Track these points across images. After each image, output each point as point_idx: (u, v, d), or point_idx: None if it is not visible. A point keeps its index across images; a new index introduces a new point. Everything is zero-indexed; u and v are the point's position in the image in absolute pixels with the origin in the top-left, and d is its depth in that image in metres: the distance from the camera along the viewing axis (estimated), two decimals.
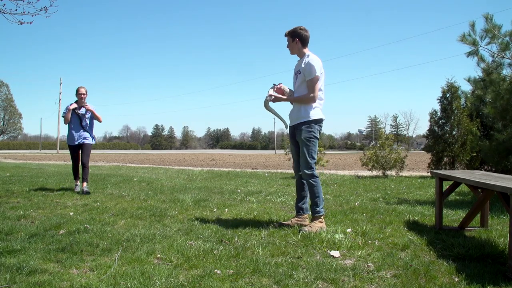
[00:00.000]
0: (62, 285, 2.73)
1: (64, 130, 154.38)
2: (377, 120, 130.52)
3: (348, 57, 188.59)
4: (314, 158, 4.51)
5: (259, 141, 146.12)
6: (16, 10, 7.16)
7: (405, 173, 14.28)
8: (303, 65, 4.52)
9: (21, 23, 7.32)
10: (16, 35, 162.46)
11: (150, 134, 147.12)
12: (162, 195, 7.27)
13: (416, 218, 5.11)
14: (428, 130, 13.04)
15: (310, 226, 4.34)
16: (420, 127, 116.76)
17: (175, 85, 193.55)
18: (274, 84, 4.81)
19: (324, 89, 4.68)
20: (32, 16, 7.38)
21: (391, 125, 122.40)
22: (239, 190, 8.14)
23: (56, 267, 3.11)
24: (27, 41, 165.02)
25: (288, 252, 3.50)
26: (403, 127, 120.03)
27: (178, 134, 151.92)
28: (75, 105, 7.66)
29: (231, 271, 3.01)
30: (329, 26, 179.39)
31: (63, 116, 7.83)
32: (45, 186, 8.51)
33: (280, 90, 4.77)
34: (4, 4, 7.26)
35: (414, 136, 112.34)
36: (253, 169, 18.21)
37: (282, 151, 43.95)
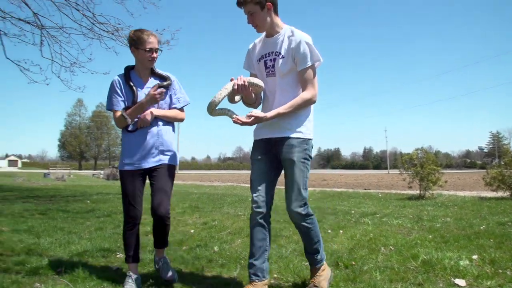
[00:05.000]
0: None
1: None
2: (500, 136, 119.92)
3: (469, 67, 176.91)
4: (307, 189, 3.05)
5: (370, 160, 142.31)
6: None
7: None
8: (292, 45, 2.94)
9: None
10: None
11: None
12: (276, 215, 7.37)
13: None
14: None
15: (316, 285, 3.04)
16: None
17: None
18: (232, 80, 2.96)
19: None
20: None
21: None
22: (353, 211, 7.99)
23: (180, 281, 3.33)
24: None
25: (408, 278, 3.35)
26: None
27: None
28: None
29: None
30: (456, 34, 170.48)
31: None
32: None
33: (243, 89, 2.94)
34: None
35: None
36: (365, 189, 17.77)
37: (395, 171, 42.24)
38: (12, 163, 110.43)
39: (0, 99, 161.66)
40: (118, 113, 3.24)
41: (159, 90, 3.19)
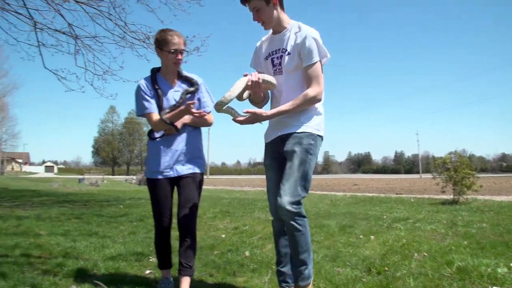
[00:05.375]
0: None
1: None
2: None
3: (505, 68, 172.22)
4: (306, 189, 2.79)
5: (402, 164, 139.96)
6: None
7: None
8: (298, 40, 2.81)
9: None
10: None
11: None
12: (308, 220, 7.34)
13: None
14: None
15: None
16: None
17: None
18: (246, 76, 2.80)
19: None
20: (188, 55, 8.03)
21: None
22: (384, 216, 7.88)
23: (212, 286, 3.36)
24: None
25: (442, 285, 3.28)
26: None
27: (319, 159, 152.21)
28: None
29: None
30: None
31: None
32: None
33: (256, 87, 2.80)
34: None
35: None
36: (397, 194, 17.49)
37: (428, 175, 41.44)
38: (48, 169, 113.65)
39: (38, 107, 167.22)
40: (156, 117, 3.08)
41: (199, 112, 2.98)
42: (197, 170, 3.23)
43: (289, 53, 2.84)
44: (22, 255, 4.33)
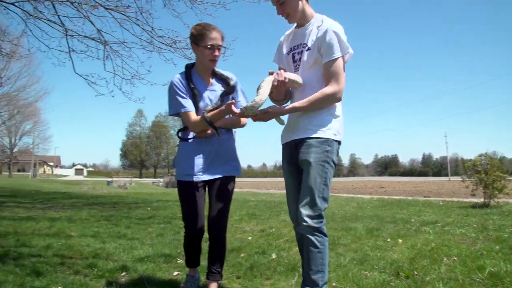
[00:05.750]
0: None
1: None
2: None
3: None
4: (326, 200, 2.62)
5: (430, 167, 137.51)
6: None
7: None
8: (318, 34, 2.65)
9: None
10: None
11: None
12: (334, 223, 7.31)
13: None
14: None
15: None
16: None
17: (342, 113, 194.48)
18: (272, 74, 2.71)
19: None
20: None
21: None
22: (412, 220, 7.76)
23: None
24: None
25: None
26: None
27: (345, 161, 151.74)
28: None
29: None
30: None
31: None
32: None
33: (281, 86, 2.66)
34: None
35: None
36: (425, 197, 17.18)
37: (457, 178, 40.57)
38: (78, 171, 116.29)
39: (68, 112, 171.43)
40: (195, 116, 2.91)
41: (238, 111, 2.72)
42: (231, 174, 3.12)
43: (309, 48, 2.70)
44: (55, 255, 4.45)
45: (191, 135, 3.06)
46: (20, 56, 15.48)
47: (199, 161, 3.00)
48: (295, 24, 2.87)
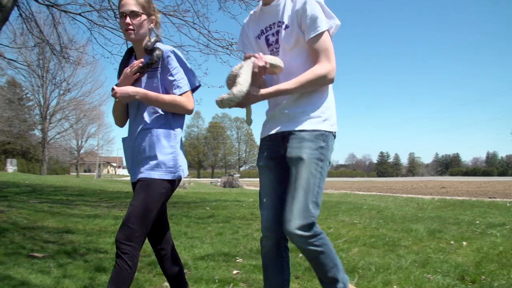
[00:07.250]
0: None
1: None
2: None
3: None
4: (318, 205, 2.13)
5: (495, 166, 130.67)
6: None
7: None
8: (296, 7, 2.18)
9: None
10: None
11: (375, 161, 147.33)
12: (394, 224, 7.15)
13: None
14: None
15: None
16: None
17: (400, 111, 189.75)
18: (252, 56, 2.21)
19: None
20: None
21: None
22: (477, 222, 7.43)
23: None
24: None
25: None
26: None
27: (403, 161, 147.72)
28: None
29: None
30: None
31: None
32: None
33: (264, 72, 2.20)
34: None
35: None
36: (490, 198, 16.37)
37: None
38: None
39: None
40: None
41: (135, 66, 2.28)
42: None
43: (287, 26, 2.22)
44: None
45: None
46: (85, 62, 16.32)
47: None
48: (261, 2, 2.36)
